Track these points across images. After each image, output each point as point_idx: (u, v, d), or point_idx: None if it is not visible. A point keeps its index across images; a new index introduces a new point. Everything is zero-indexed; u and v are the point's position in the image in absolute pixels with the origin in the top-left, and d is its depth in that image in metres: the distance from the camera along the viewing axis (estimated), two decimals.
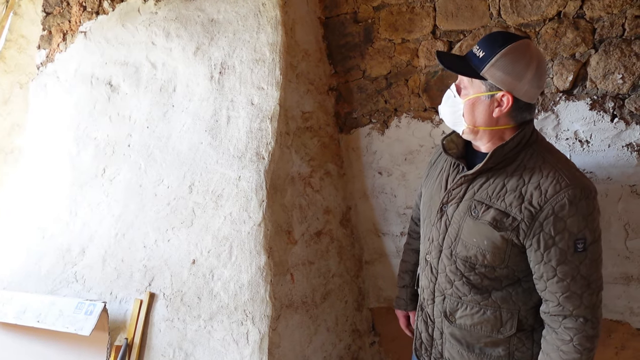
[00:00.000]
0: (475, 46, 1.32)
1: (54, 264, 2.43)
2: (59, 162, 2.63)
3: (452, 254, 1.40)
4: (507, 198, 1.29)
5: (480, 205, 1.33)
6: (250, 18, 2.24)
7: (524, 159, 1.32)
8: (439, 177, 1.51)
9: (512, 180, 1.30)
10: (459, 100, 1.35)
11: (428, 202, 1.53)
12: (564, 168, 1.28)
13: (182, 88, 2.36)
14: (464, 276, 1.38)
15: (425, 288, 1.51)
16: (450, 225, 1.40)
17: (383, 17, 2.33)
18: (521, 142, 1.32)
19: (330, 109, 2.45)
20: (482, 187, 1.34)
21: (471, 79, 1.31)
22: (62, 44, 2.74)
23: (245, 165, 2.09)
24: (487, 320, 1.38)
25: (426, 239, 1.50)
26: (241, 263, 1.98)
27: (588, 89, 1.97)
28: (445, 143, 1.48)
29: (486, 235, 1.31)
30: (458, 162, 1.45)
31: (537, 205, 1.24)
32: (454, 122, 1.40)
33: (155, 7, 2.48)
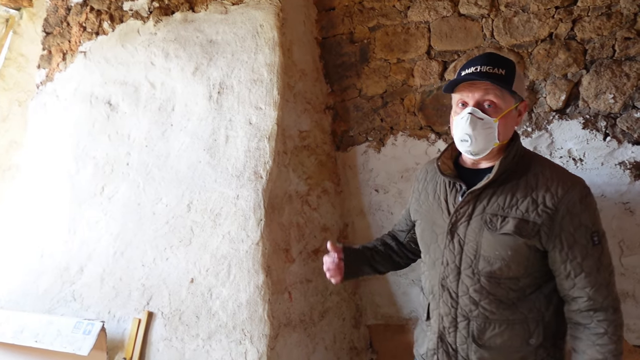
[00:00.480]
0: (486, 66, 1.31)
1: (52, 283, 2.42)
2: (58, 180, 2.64)
3: (474, 273, 1.36)
4: (522, 206, 1.32)
5: (495, 217, 1.33)
6: (249, 39, 2.28)
7: (523, 168, 1.37)
8: (435, 201, 1.49)
9: (520, 189, 1.34)
10: (490, 120, 1.32)
11: (430, 227, 1.49)
12: (560, 170, 1.38)
13: (181, 107, 2.39)
14: (490, 293, 1.35)
15: (444, 316, 1.42)
16: (466, 244, 1.38)
17: (379, 37, 2.37)
18: (518, 153, 1.38)
19: (327, 127, 2.49)
20: (491, 201, 1.35)
21: (503, 96, 1.32)
22: (61, 64, 2.77)
23: (243, 184, 2.10)
24: (516, 334, 1.36)
25: (438, 265, 1.44)
26: (239, 282, 1.99)
27: (580, 108, 2.01)
28: (441, 164, 1.47)
29: (509, 245, 1.32)
30: (454, 182, 1.44)
31: (552, 207, 1.29)
32: (485, 145, 1.34)
33: (154, 28, 2.52)
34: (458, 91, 1.37)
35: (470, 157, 1.40)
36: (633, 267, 1.95)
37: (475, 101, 1.33)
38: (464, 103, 1.35)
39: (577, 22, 1.98)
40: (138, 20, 2.57)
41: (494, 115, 1.32)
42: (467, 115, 1.32)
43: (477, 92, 1.32)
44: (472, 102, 1.33)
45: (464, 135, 1.33)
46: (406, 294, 2.40)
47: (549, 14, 2.02)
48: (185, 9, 2.46)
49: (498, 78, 1.30)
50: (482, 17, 2.15)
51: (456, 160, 1.51)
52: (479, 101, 1.32)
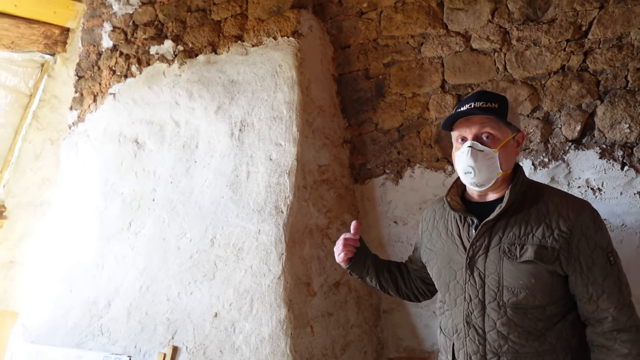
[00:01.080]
0: (479, 102, 1.38)
1: (80, 317, 2.49)
2: (87, 216, 2.75)
3: (499, 305, 1.35)
4: (537, 233, 1.34)
5: (514, 246, 1.35)
6: (268, 79, 2.38)
7: (531, 197, 1.40)
8: (448, 238, 1.50)
9: (532, 216, 1.36)
10: (490, 151, 1.37)
11: (446, 265, 1.49)
12: (567, 195, 1.43)
13: (204, 145, 2.48)
14: (518, 325, 1.34)
15: (472, 354, 1.39)
16: (487, 277, 1.37)
17: (393, 73, 2.44)
18: (524, 182, 1.43)
19: (345, 160, 2.54)
20: (506, 231, 1.37)
21: (499, 127, 1.38)
22: (92, 105, 2.93)
23: (264, 219, 2.16)
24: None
25: (461, 301, 1.43)
26: (262, 316, 2.02)
27: (596, 138, 2.02)
28: (450, 201, 1.49)
29: (531, 272, 1.32)
30: (465, 217, 1.46)
31: (567, 230, 1.32)
32: (489, 176, 1.38)
33: (179, 70, 2.65)
34: (456, 128, 1.44)
35: (475, 189, 1.43)
36: None
37: (473, 135, 1.38)
38: (463, 138, 1.41)
39: (589, 54, 2.02)
40: (164, 63, 2.71)
41: (493, 146, 1.37)
42: (467, 149, 1.37)
43: (474, 126, 1.38)
44: (470, 136, 1.39)
45: (467, 167, 1.38)
46: (428, 326, 2.39)
47: (560, 47, 2.07)
48: (208, 51, 2.59)
49: (492, 111, 1.37)
50: (494, 52, 2.20)
51: (462, 196, 1.54)
52: (477, 134, 1.38)
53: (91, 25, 3.03)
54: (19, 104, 3.61)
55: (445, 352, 1.53)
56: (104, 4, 2.98)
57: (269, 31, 2.44)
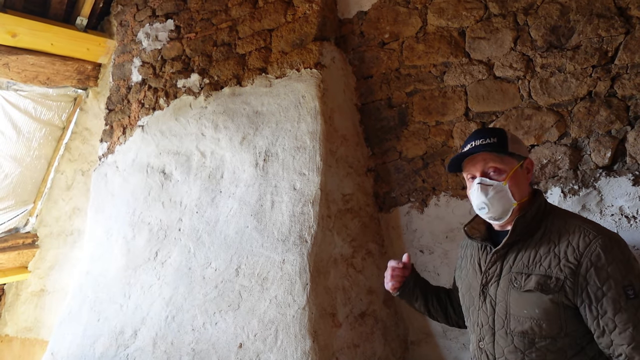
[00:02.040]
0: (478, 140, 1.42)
1: (107, 347, 2.51)
2: (115, 246, 2.81)
3: (507, 333, 1.37)
4: (544, 262, 1.33)
5: (520, 275, 1.36)
6: (292, 109, 2.42)
7: (548, 226, 1.39)
8: (471, 265, 1.54)
9: (543, 246, 1.36)
10: (499, 184, 1.38)
11: (467, 291, 1.54)
12: (588, 223, 1.37)
13: (229, 175, 2.52)
14: (525, 354, 1.33)
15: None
16: (497, 304, 1.40)
17: (416, 101, 2.45)
18: (540, 210, 1.41)
19: (369, 189, 2.54)
20: (517, 260, 1.38)
21: (502, 159, 1.40)
22: (121, 137, 3.02)
23: (289, 249, 2.16)
24: None
25: (476, 327, 1.48)
26: (287, 347, 2.00)
27: (629, 164, 1.97)
28: (468, 229, 1.53)
29: (535, 303, 1.31)
30: (485, 244, 1.49)
31: (574, 261, 1.28)
32: (504, 208, 1.39)
33: (205, 102, 2.72)
34: (464, 169, 1.48)
35: (494, 223, 1.46)
36: None
37: (480, 172, 1.42)
38: (473, 177, 1.45)
39: (617, 80, 1.99)
40: (190, 95, 2.79)
41: (501, 179, 1.39)
42: (477, 186, 1.40)
43: (478, 164, 1.42)
44: (478, 174, 1.42)
45: (480, 203, 1.41)
46: (457, 358, 2.32)
47: (586, 73, 2.04)
48: (233, 84, 2.66)
49: (491, 146, 1.39)
50: (518, 79, 2.19)
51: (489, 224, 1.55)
52: (483, 170, 1.41)
53: (122, 61, 3.16)
54: (53, 136, 3.76)
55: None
56: (134, 41, 3.11)
57: (292, 63, 2.49)
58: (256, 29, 2.64)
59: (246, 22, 2.67)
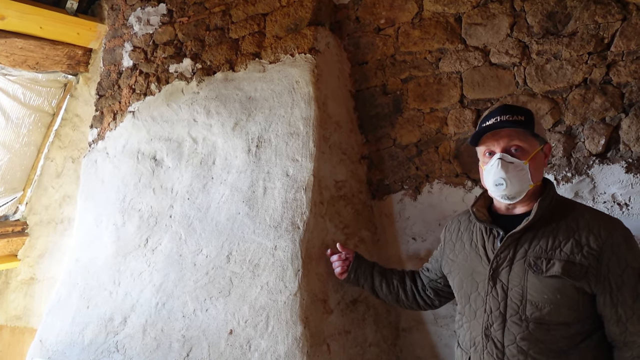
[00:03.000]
0: (505, 115, 1.37)
1: (96, 334, 2.49)
2: (105, 233, 2.77)
3: (522, 319, 1.33)
4: (566, 248, 1.30)
5: (540, 260, 1.32)
6: (285, 95, 2.39)
7: (560, 212, 1.37)
8: (472, 249, 1.49)
9: (561, 231, 1.33)
10: (520, 163, 1.36)
11: (468, 277, 1.48)
12: (599, 212, 1.39)
13: (221, 161, 2.49)
14: (540, 341, 1.31)
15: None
16: (510, 289, 1.35)
17: (411, 88, 2.43)
18: (554, 196, 1.40)
19: (362, 176, 2.52)
20: (533, 244, 1.34)
21: (527, 139, 1.38)
22: (112, 123, 2.97)
23: (281, 235, 2.14)
24: None
25: (482, 313, 1.40)
26: (278, 333, 1.98)
27: (622, 152, 1.96)
28: (476, 211, 1.48)
29: (557, 288, 1.29)
30: (491, 229, 1.44)
31: (597, 248, 1.28)
32: (520, 188, 1.37)
33: (197, 87, 2.68)
34: (483, 143, 1.42)
35: (505, 202, 1.41)
36: None
37: (502, 148, 1.37)
38: (491, 152, 1.40)
39: (612, 67, 1.98)
40: (182, 81, 2.74)
41: (523, 158, 1.36)
42: (497, 161, 1.36)
43: (502, 140, 1.38)
44: (499, 149, 1.38)
45: (498, 179, 1.36)
46: (448, 346, 2.31)
47: (582, 60, 2.03)
48: (225, 69, 2.62)
49: (520, 123, 1.35)
50: (514, 66, 2.17)
51: (489, 208, 1.53)
52: (506, 147, 1.37)
53: (112, 46, 3.10)
54: (42, 123, 3.70)
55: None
56: (125, 25, 3.05)
57: (286, 48, 2.46)
58: (250, 13, 2.60)
59: (240, 6, 2.63)
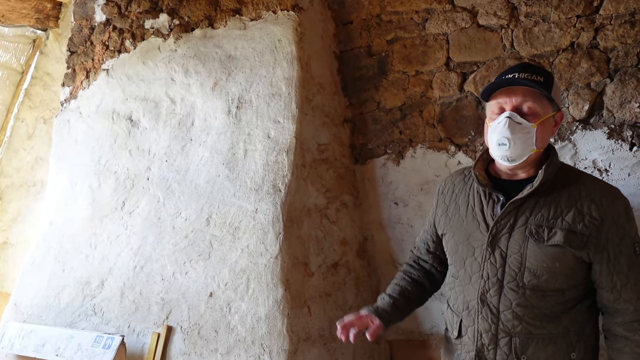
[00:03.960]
0: (525, 73, 1.31)
1: (73, 297, 2.45)
2: (80, 195, 2.69)
3: (519, 286, 1.32)
4: (567, 217, 1.29)
5: (541, 228, 1.30)
6: (267, 54, 2.30)
7: (563, 180, 1.35)
8: (469, 213, 1.43)
9: (563, 199, 1.31)
10: (528, 125, 1.30)
11: (464, 241, 1.43)
12: (600, 182, 1.39)
13: (200, 122, 2.41)
14: (535, 307, 1.31)
15: (484, 332, 1.36)
16: (509, 257, 1.33)
17: (397, 50, 2.37)
18: (557, 163, 1.37)
19: (345, 140, 2.48)
20: (534, 212, 1.32)
21: (541, 102, 1.31)
22: (85, 82, 2.84)
23: (262, 198, 2.10)
24: (559, 349, 1.32)
25: (478, 279, 1.38)
26: (258, 296, 1.97)
27: (605, 117, 1.97)
28: (478, 174, 1.41)
29: (557, 257, 1.29)
30: (491, 193, 1.39)
31: (599, 217, 1.27)
32: (523, 151, 1.31)
33: (174, 45, 2.56)
34: (494, 98, 1.36)
35: (505, 164, 1.36)
36: None
37: (513, 106, 1.31)
38: (501, 108, 1.34)
39: (600, 31, 1.95)
40: (159, 37, 2.62)
41: (532, 121, 1.30)
42: (505, 119, 1.29)
43: (515, 97, 1.31)
44: (509, 107, 1.32)
45: (502, 138, 1.30)
46: (427, 308, 2.34)
47: (570, 23, 2.00)
48: (204, 25, 2.51)
49: (537, 84, 1.29)
50: (502, 28, 2.13)
51: (487, 171, 1.46)
52: (517, 106, 1.31)
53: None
54: (11, 81, 3.52)
55: (451, 328, 1.50)
56: None
57: (268, 5, 2.35)
58: None
59: None
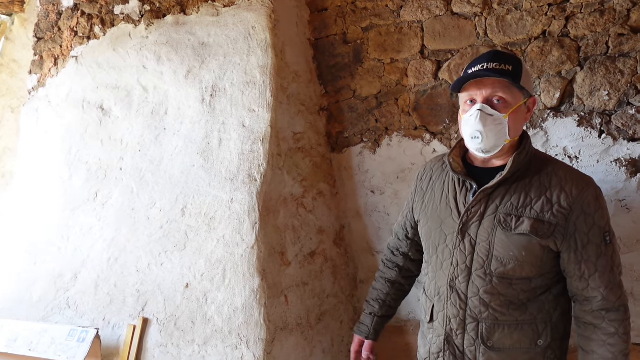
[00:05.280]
0: (493, 63, 1.30)
1: (46, 290, 2.40)
2: (51, 186, 2.62)
3: (486, 273, 1.34)
4: (536, 206, 1.30)
5: (510, 217, 1.31)
6: (241, 41, 2.26)
7: (535, 168, 1.36)
8: (443, 200, 1.45)
9: (533, 188, 1.33)
10: (500, 116, 1.30)
11: (437, 228, 1.45)
12: (573, 170, 1.38)
13: (174, 111, 2.37)
14: (501, 294, 1.33)
15: (452, 318, 1.39)
16: (478, 244, 1.35)
17: (372, 37, 2.36)
18: (530, 151, 1.37)
19: (321, 129, 2.47)
20: (504, 200, 1.33)
21: (511, 91, 1.31)
22: (53, 69, 2.75)
23: (237, 188, 2.09)
24: (525, 335, 1.35)
25: (448, 265, 1.40)
26: (235, 286, 1.97)
27: (575, 105, 2.00)
28: (452, 162, 1.43)
29: (524, 246, 1.30)
30: (464, 180, 1.41)
31: (567, 207, 1.29)
32: (496, 142, 1.32)
33: (146, 31, 2.50)
34: (466, 90, 1.36)
35: (480, 155, 1.37)
36: (630, 264, 1.94)
37: (483, 98, 1.32)
38: (473, 100, 1.34)
39: (571, 19, 1.97)
40: (129, 24, 2.55)
41: (503, 111, 1.30)
42: (476, 112, 1.30)
43: (485, 88, 1.31)
44: (480, 99, 1.32)
45: (474, 132, 1.31)
46: None
47: (542, 12, 2.01)
48: (176, 11, 2.45)
49: (506, 73, 1.29)
50: (476, 16, 2.13)
51: (464, 159, 1.48)
52: (488, 97, 1.31)
53: None
54: None
55: (424, 312, 1.53)
56: None
57: None
58: None
59: None
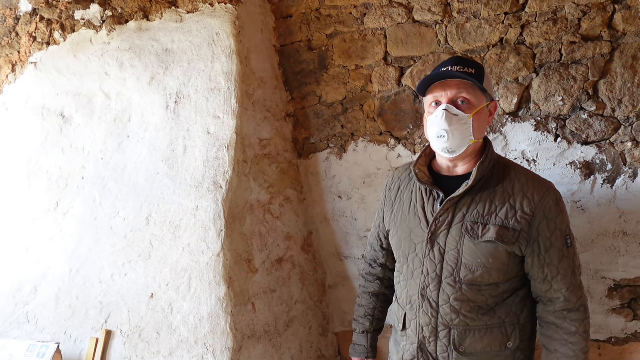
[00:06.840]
0: (457, 66, 1.35)
1: (4, 305, 2.31)
2: (9, 196, 2.53)
3: (456, 281, 1.36)
4: (501, 213, 1.34)
5: (476, 225, 1.34)
6: (205, 47, 2.25)
7: (498, 175, 1.40)
8: (411, 210, 1.47)
9: (498, 195, 1.36)
10: (464, 116, 1.34)
11: (407, 237, 1.47)
12: (534, 175, 1.42)
13: (138, 118, 2.33)
14: (471, 300, 1.36)
15: (424, 326, 1.41)
16: (447, 253, 1.37)
17: (336, 44, 2.38)
18: (493, 158, 1.41)
19: (288, 135, 2.47)
20: (471, 208, 1.36)
21: (475, 93, 1.36)
22: (11, 75, 2.67)
23: (202, 195, 2.07)
24: (495, 339, 1.38)
25: (418, 274, 1.43)
26: (200, 295, 1.94)
27: (532, 110, 2.07)
28: (418, 172, 1.45)
29: (490, 253, 1.33)
30: (431, 190, 1.43)
31: (530, 212, 1.33)
32: (461, 141, 1.35)
33: (107, 37, 2.45)
34: (431, 92, 1.40)
35: (446, 156, 1.40)
36: (586, 263, 2.01)
37: (448, 99, 1.35)
38: (437, 102, 1.38)
39: (526, 28, 2.04)
40: (90, 29, 2.50)
41: (468, 112, 1.34)
42: (442, 112, 1.33)
43: (450, 89, 1.35)
44: (445, 100, 1.36)
45: (440, 131, 1.34)
46: None
47: (499, 20, 2.08)
48: (139, 17, 2.41)
49: (469, 75, 1.33)
50: (436, 24, 2.18)
51: (430, 167, 1.51)
52: (453, 99, 1.35)
53: None
54: None
55: (397, 320, 1.55)
56: None
57: None
58: None
59: None
